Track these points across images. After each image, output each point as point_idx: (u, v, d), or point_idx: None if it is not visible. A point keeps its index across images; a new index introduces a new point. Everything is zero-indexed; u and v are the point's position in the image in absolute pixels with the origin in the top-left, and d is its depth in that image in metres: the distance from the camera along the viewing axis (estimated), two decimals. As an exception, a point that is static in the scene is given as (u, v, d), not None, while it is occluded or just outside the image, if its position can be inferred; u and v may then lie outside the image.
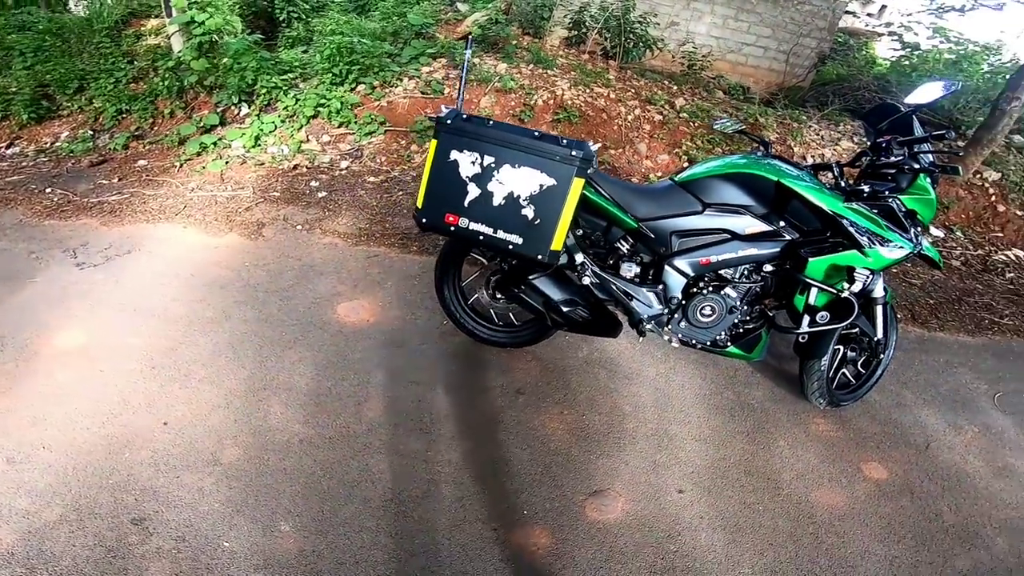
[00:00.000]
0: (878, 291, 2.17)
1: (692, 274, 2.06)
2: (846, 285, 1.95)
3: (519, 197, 1.75)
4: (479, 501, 1.81)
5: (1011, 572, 1.97)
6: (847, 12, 7.71)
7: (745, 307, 2.12)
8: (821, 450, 2.23)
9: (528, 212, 1.76)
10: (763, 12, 6.10)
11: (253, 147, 4.15)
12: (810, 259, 1.98)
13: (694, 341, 2.13)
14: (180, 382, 2.14)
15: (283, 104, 4.30)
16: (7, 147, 4.48)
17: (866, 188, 2.00)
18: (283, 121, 4.29)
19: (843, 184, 2.07)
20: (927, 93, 2.03)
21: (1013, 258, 4.43)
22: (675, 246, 2.04)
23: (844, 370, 2.41)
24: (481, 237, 1.81)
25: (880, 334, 2.26)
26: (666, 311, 2.09)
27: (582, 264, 2.04)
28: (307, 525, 1.67)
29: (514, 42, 5.31)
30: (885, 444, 2.35)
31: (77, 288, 2.65)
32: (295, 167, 3.98)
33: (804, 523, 1.93)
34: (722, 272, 2.08)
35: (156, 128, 4.58)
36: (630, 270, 2.08)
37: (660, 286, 2.07)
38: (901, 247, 2.02)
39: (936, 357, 3.09)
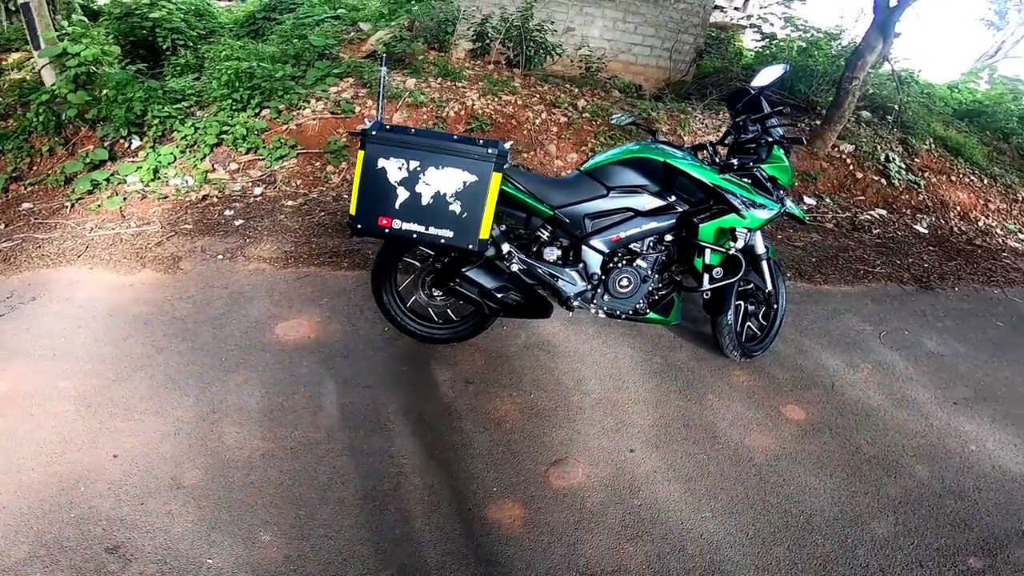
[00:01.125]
0: (760, 248, 2.54)
1: (607, 251, 2.31)
2: (732, 244, 2.28)
3: (446, 195, 1.92)
4: (449, 486, 1.90)
5: (939, 497, 2.16)
6: (716, 7, 8.53)
7: (656, 275, 2.39)
8: (745, 399, 2.51)
9: (455, 207, 1.93)
10: (646, 13, 6.62)
11: (152, 180, 3.95)
12: (700, 225, 2.29)
13: (618, 311, 2.38)
14: (121, 417, 2.06)
15: (180, 134, 4.12)
16: None
17: (735, 162, 2.35)
18: (183, 151, 4.11)
19: (717, 160, 2.40)
20: (767, 76, 2.39)
21: (877, 217, 5.13)
22: (589, 228, 2.28)
23: (749, 324, 2.75)
24: (415, 235, 1.96)
25: (770, 286, 2.63)
26: (589, 287, 2.33)
27: (509, 253, 2.22)
28: (287, 532, 1.69)
29: (420, 57, 5.42)
30: (797, 387, 2.66)
31: (-18, 340, 2.44)
32: (204, 198, 3.84)
33: (746, 466, 2.14)
34: (632, 246, 2.35)
35: (36, 168, 4.21)
36: (552, 254, 2.30)
37: (580, 265, 2.31)
38: (770, 208, 2.37)
39: (825, 307, 3.54)
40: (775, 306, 2.71)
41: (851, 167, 5.36)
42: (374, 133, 1.92)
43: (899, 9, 4.61)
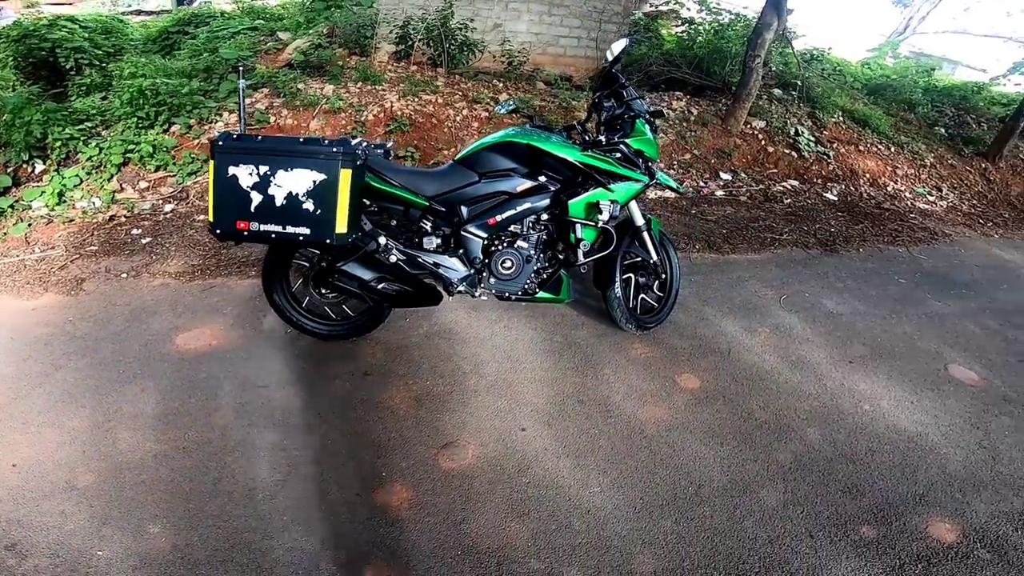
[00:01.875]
0: (638, 219, 2.64)
1: (485, 235, 2.39)
2: (600, 217, 2.38)
3: (298, 195, 1.99)
4: (339, 474, 1.95)
5: (831, 461, 2.19)
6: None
7: (540, 254, 2.48)
8: (641, 371, 2.59)
9: (309, 205, 2.00)
10: (571, 5, 6.74)
11: (57, 204, 3.85)
12: (569, 202, 2.39)
13: (507, 293, 2.46)
14: (19, 431, 2.07)
15: (85, 155, 4.04)
16: None
17: (603, 138, 2.45)
18: (88, 173, 4.03)
19: (587, 138, 2.50)
20: (613, 51, 2.49)
21: (789, 187, 5.37)
22: (465, 214, 2.35)
23: (644, 296, 2.87)
24: (273, 235, 2.03)
25: (654, 256, 2.74)
26: (472, 271, 2.40)
27: (385, 245, 2.26)
28: (176, 524, 1.75)
29: (340, 63, 5.42)
30: (694, 356, 2.75)
31: None
32: (111, 218, 3.77)
33: (637, 439, 2.19)
34: (512, 228, 2.43)
35: (-62, 201, 4.06)
36: (432, 243, 2.37)
37: (461, 251, 2.39)
38: (637, 180, 2.49)
39: (730, 275, 3.70)
40: (663, 275, 2.82)
41: (763, 142, 5.60)
42: (221, 143, 2.00)
43: (788, -14, 4.84)
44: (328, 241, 2.01)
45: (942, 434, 2.44)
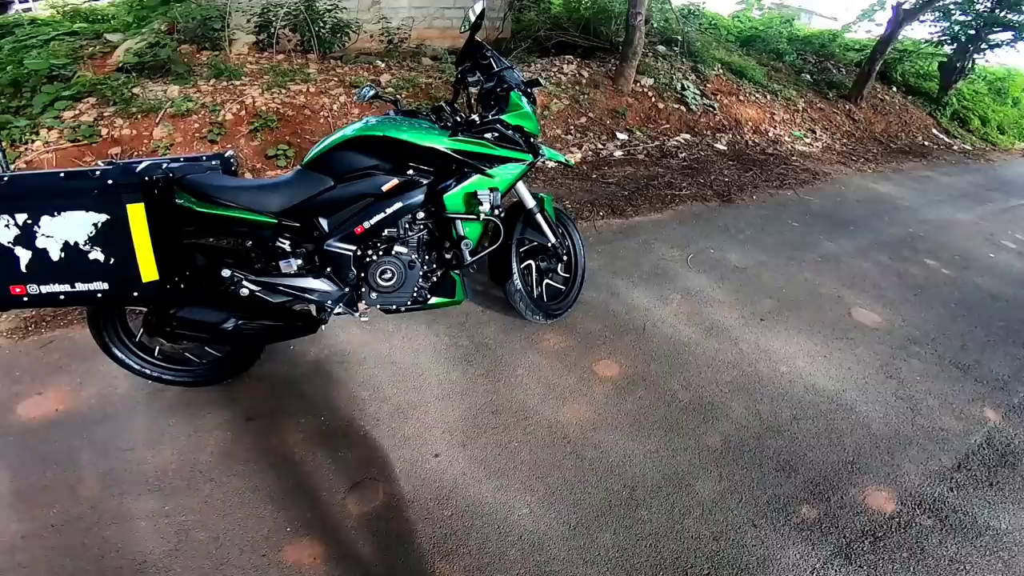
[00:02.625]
0: (528, 202, 2.44)
1: (354, 246, 2.09)
2: (481, 209, 2.14)
3: (78, 244, 1.59)
4: (237, 536, 1.67)
5: (759, 437, 2.09)
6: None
7: (425, 257, 2.21)
8: (556, 364, 2.42)
9: (97, 255, 1.62)
10: (452, -26, 6.37)
11: None
12: (444, 196, 2.14)
13: (395, 306, 2.18)
14: None
15: None
16: None
17: (476, 117, 2.19)
18: None
19: (458, 119, 2.22)
20: (471, 15, 2.21)
21: (682, 141, 5.45)
22: (326, 227, 2.04)
23: (548, 281, 2.71)
24: (62, 297, 1.64)
25: (552, 239, 2.56)
26: (347, 290, 2.11)
27: (231, 277, 1.93)
28: None
29: (185, 61, 4.76)
30: (610, 338, 2.62)
31: None
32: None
33: (561, 445, 2.01)
34: (385, 233, 2.13)
35: None
36: (291, 265, 2.04)
37: (329, 269, 2.07)
38: (520, 160, 2.26)
39: (636, 239, 3.67)
40: (564, 257, 2.67)
41: (653, 99, 5.63)
42: None
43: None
44: (136, 294, 1.65)
45: (859, 389, 2.49)
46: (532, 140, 2.33)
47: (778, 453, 2.09)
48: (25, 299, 1.62)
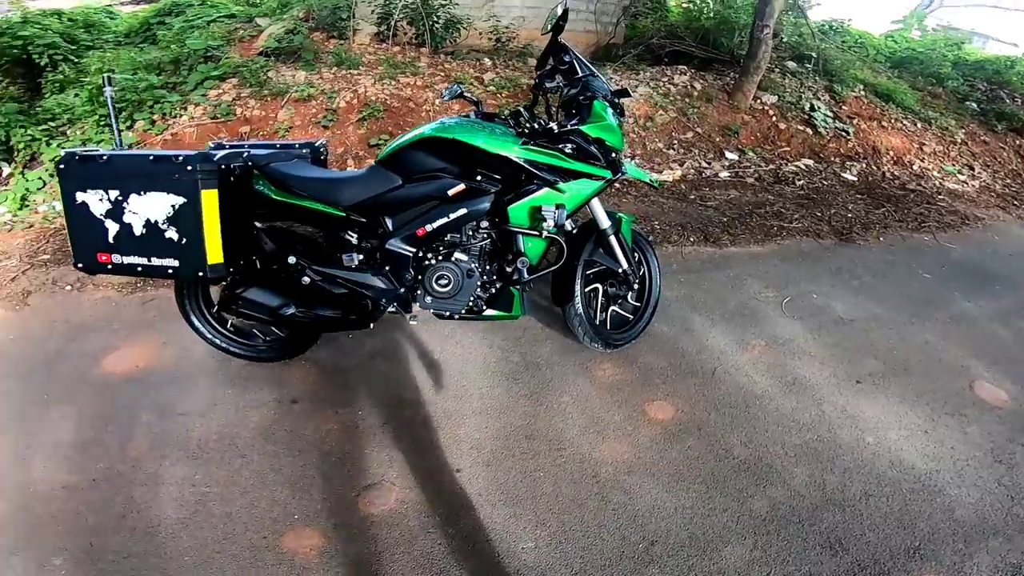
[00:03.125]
0: (602, 221, 2.27)
1: (413, 248, 2.07)
2: (544, 225, 2.01)
3: (157, 222, 1.73)
4: (248, 514, 1.75)
5: (815, 509, 1.84)
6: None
7: (484, 267, 2.13)
8: (606, 398, 2.26)
9: (172, 234, 1.74)
10: (566, -24, 6.29)
11: (20, 209, 3.72)
12: (509, 207, 2.04)
13: (448, 312, 2.13)
14: None
15: (47, 156, 3.88)
16: None
17: (554, 126, 2.06)
18: (52, 175, 3.88)
19: (535, 126, 2.10)
20: (550, 20, 2.09)
21: (803, 167, 4.92)
22: (391, 225, 2.05)
23: (615, 308, 2.53)
24: (139, 268, 1.79)
25: (624, 264, 2.37)
26: (402, 290, 2.09)
27: (296, 264, 1.99)
28: (77, 557, 1.63)
29: (316, 48, 5.13)
30: (671, 378, 2.39)
31: None
32: (68, 222, 3.61)
33: (588, 484, 1.88)
34: (448, 238, 2.08)
35: (-94, 207, 3.98)
36: (352, 259, 2.05)
37: (388, 267, 2.08)
38: (596, 176, 2.10)
39: (727, 272, 3.34)
40: (635, 285, 2.48)
41: (774, 118, 5.13)
42: (63, 167, 1.73)
43: (798, -53, 4.33)
44: (201, 274, 1.76)
45: (956, 471, 2.08)
46: (614, 155, 2.16)
47: (832, 529, 1.80)
48: (109, 267, 1.80)
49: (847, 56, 5.87)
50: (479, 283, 2.10)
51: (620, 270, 2.38)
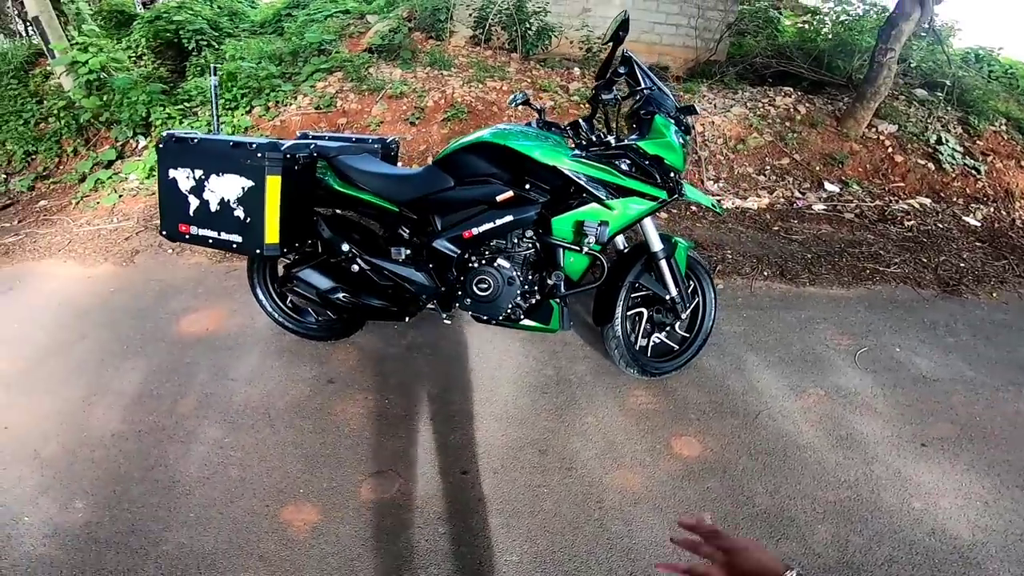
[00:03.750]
0: (654, 244, 2.17)
1: (458, 249, 2.11)
2: (586, 240, 1.96)
3: (229, 201, 1.91)
4: (259, 481, 1.87)
5: (827, 571, 1.69)
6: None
7: (526, 276, 2.12)
8: (631, 425, 2.17)
9: (240, 213, 1.91)
10: (669, -11, 6.12)
11: (147, 178, 4.26)
12: (553, 219, 2.01)
13: (485, 316, 2.15)
14: (27, 395, 2.27)
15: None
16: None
17: (611, 139, 2.00)
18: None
19: (593, 138, 2.05)
20: (613, 24, 2.02)
21: (916, 206, 4.40)
22: (439, 225, 2.10)
23: (660, 336, 2.41)
24: (210, 240, 1.98)
25: (672, 291, 2.25)
26: (442, 289, 2.14)
27: (348, 251, 2.10)
28: (98, 503, 1.81)
29: (414, 47, 5.38)
30: (708, 415, 2.25)
31: (-42, 326, 2.76)
32: (183, 192, 4.07)
33: (590, 508, 1.83)
34: (496, 243, 2.10)
35: (61, 167, 4.71)
36: (400, 253, 2.14)
37: (432, 265, 2.14)
38: (650, 195, 2.01)
39: (797, 313, 3.07)
40: (684, 315, 2.35)
41: (890, 149, 4.63)
42: (161, 146, 1.97)
43: (933, -35, 3.87)
44: (257, 251, 1.92)
45: (1004, 546, 1.78)
46: (672, 175, 2.07)
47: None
48: (187, 237, 2.03)
49: (990, 87, 5.15)
50: (519, 292, 2.10)
51: (667, 297, 2.27)
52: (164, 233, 2.07)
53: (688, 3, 6.15)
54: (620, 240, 2.33)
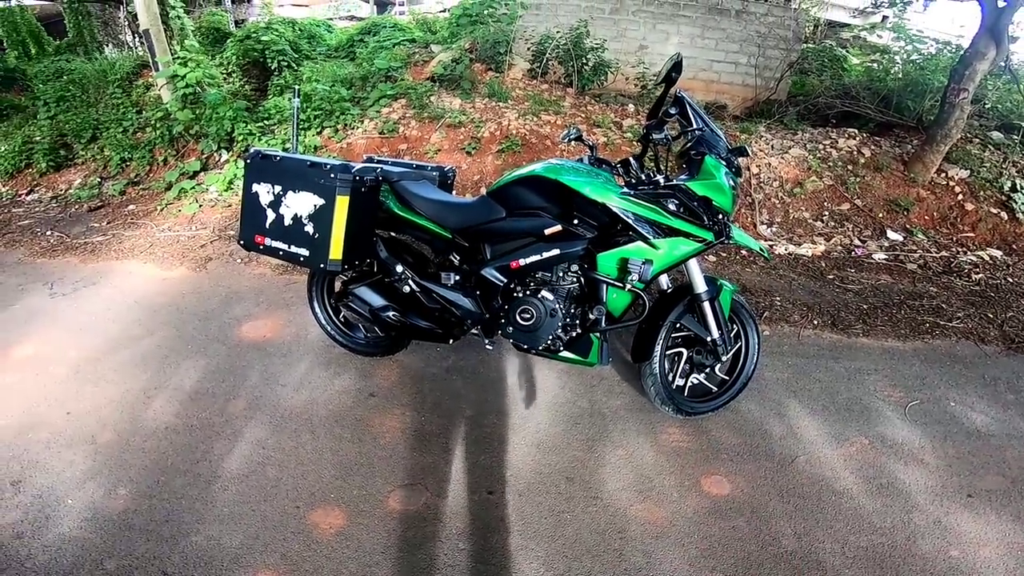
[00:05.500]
0: (698, 285, 2.17)
1: (505, 278, 2.18)
2: (630, 278, 1.98)
3: (301, 217, 2.06)
4: (293, 483, 1.98)
5: None
6: (835, 24, 7.56)
7: (569, 308, 2.16)
8: (662, 461, 2.16)
9: (309, 228, 2.05)
10: (727, 28, 6.14)
11: (225, 190, 4.63)
12: (599, 254, 2.05)
13: (525, 345, 2.20)
14: (92, 383, 2.48)
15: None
16: (27, 193, 5.19)
17: (660, 178, 2.03)
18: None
19: (642, 176, 2.08)
20: (666, 65, 2.04)
21: (987, 259, 4.17)
22: (488, 254, 2.19)
23: (699, 377, 2.40)
24: (280, 252, 2.13)
25: (714, 333, 2.23)
26: (487, 316, 2.22)
27: (401, 273, 2.23)
28: (140, 491, 1.94)
29: (474, 78, 5.61)
30: (741, 457, 2.22)
31: (44, 313, 3.10)
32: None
33: (611, 537, 1.84)
34: (538, 275, 2.17)
35: (152, 175, 5.18)
36: (449, 278, 2.24)
37: (478, 292, 2.23)
38: (696, 236, 2.02)
39: (846, 364, 2.96)
40: (724, 357, 2.32)
41: (960, 197, 4.42)
42: (249, 161, 2.14)
43: (1010, 9, 3.72)
44: (321, 265, 2.05)
45: None
46: (721, 217, 2.08)
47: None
48: (261, 248, 2.19)
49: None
50: (560, 324, 2.14)
51: (708, 339, 2.26)
52: (242, 243, 2.23)
53: (748, 41, 6.14)
54: (664, 280, 2.35)
